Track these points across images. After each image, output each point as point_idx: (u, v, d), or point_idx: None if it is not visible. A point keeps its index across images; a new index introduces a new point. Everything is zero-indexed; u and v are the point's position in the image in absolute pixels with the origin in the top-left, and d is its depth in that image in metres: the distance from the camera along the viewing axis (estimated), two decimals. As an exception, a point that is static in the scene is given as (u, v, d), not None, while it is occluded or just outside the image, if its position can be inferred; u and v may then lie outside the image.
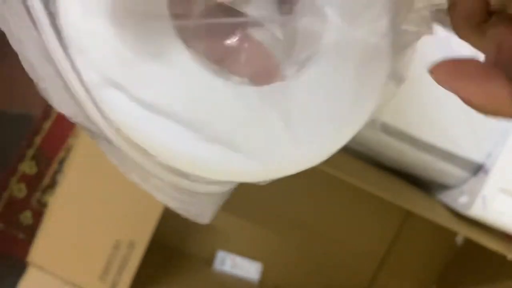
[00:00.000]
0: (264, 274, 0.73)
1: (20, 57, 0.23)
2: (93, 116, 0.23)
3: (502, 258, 0.55)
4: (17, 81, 0.67)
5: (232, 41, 0.25)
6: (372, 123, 0.56)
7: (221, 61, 0.24)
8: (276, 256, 0.73)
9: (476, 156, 0.58)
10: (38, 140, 0.69)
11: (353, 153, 0.61)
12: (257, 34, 0.25)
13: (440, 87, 0.19)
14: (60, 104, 0.23)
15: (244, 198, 0.71)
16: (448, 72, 0.18)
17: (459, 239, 0.73)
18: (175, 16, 0.22)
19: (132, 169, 0.26)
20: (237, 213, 0.71)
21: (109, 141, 0.24)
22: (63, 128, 0.68)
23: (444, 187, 0.62)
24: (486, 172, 0.56)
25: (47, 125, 0.68)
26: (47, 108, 0.67)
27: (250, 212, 0.71)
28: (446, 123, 0.56)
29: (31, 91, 0.74)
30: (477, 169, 0.58)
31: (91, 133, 0.24)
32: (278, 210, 0.72)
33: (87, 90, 0.22)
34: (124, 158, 0.26)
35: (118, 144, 0.24)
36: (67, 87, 0.23)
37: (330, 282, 0.74)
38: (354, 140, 0.63)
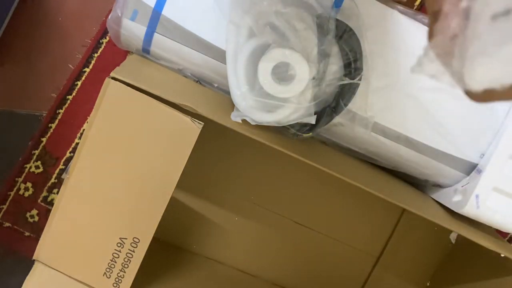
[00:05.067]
0: (262, 270, 0.73)
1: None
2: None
3: (495, 255, 0.56)
4: (26, 82, 0.67)
5: None
6: (367, 124, 0.56)
7: None
8: (273, 253, 0.74)
9: (469, 156, 0.58)
10: (44, 140, 0.69)
11: (349, 153, 0.61)
12: None
13: (435, 88, 0.26)
14: None
15: (244, 197, 0.72)
16: None
17: (453, 237, 0.74)
18: None
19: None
20: (237, 211, 0.72)
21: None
22: (70, 129, 0.69)
23: (438, 186, 0.63)
24: (479, 171, 0.57)
25: (53, 125, 0.69)
26: (54, 109, 0.68)
27: (249, 210, 0.72)
28: (440, 124, 0.57)
29: (40, 92, 0.75)
30: (471, 169, 0.59)
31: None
32: (276, 208, 0.73)
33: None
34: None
35: None
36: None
37: (326, 278, 0.75)
38: (350, 140, 0.65)
